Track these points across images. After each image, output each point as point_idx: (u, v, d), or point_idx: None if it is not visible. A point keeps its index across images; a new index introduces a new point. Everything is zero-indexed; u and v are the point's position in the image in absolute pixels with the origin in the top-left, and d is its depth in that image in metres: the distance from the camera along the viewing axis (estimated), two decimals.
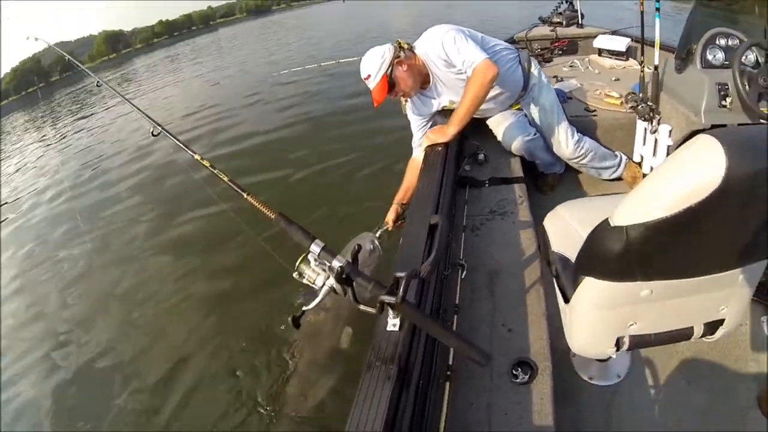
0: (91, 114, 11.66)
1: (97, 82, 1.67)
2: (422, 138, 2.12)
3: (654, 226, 0.69)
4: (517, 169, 2.05)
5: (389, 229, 2.21)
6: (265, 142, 5.20)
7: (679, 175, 0.65)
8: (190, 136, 6.21)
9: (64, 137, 9.87)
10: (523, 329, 1.27)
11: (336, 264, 0.85)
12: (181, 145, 1.11)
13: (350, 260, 0.87)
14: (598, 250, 0.85)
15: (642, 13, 2.09)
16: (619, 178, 2.32)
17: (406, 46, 1.93)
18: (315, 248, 0.85)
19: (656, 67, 2.05)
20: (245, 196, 0.92)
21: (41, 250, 4.25)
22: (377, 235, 2.17)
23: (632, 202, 0.74)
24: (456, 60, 1.83)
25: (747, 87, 1.70)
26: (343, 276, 0.85)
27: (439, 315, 1.28)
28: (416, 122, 2.15)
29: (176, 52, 27.22)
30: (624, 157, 2.31)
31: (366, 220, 2.49)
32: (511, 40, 3.93)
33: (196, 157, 1.07)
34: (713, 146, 0.60)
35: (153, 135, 1.25)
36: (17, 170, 8.28)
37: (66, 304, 3.18)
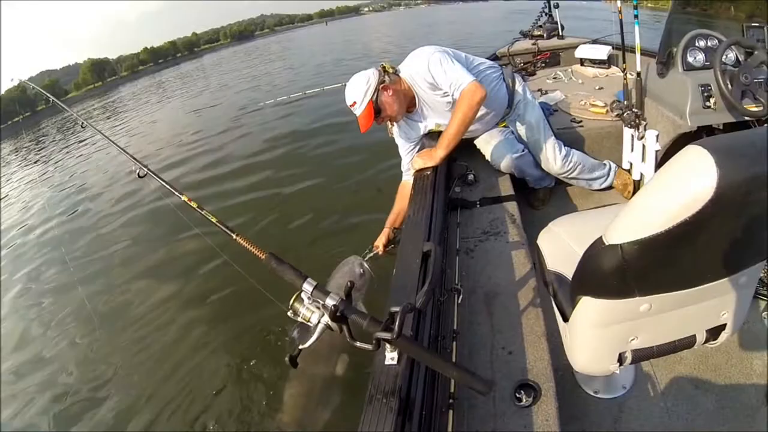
0: (79, 142, 11.49)
1: (82, 123, 1.65)
2: (411, 162, 2.11)
3: (649, 242, 0.68)
4: (507, 188, 2.04)
5: (380, 253, 2.19)
6: (250, 165, 5.14)
7: (671, 189, 0.64)
8: (174, 161, 6.16)
9: (50, 168, 9.74)
10: (524, 350, 1.24)
11: (330, 302, 0.82)
12: (167, 186, 1.09)
13: (344, 297, 0.84)
14: (593, 270, 0.83)
15: (621, 21, 2.11)
16: (610, 187, 2.33)
17: (390, 70, 1.92)
18: (307, 287, 0.83)
19: (638, 74, 2.07)
20: (234, 236, 0.89)
21: (27, 278, 4.15)
22: (366, 258, 2.14)
23: (625, 219, 0.73)
24: (443, 83, 1.82)
25: (729, 86, 1.71)
26: (338, 314, 0.83)
27: (437, 343, 1.25)
28: (404, 146, 2.14)
29: (161, 79, 27.39)
30: (613, 166, 2.32)
31: (353, 239, 2.49)
32: (494, 57, 3.99)
33: (183, 198, 1.04)
34: (703, 156, 0.59)
35: (139, 176, 1.23)
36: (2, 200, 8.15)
37: (45, 334, 3.09)
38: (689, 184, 0.61)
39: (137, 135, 9.94)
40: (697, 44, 1.90)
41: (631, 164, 2.24)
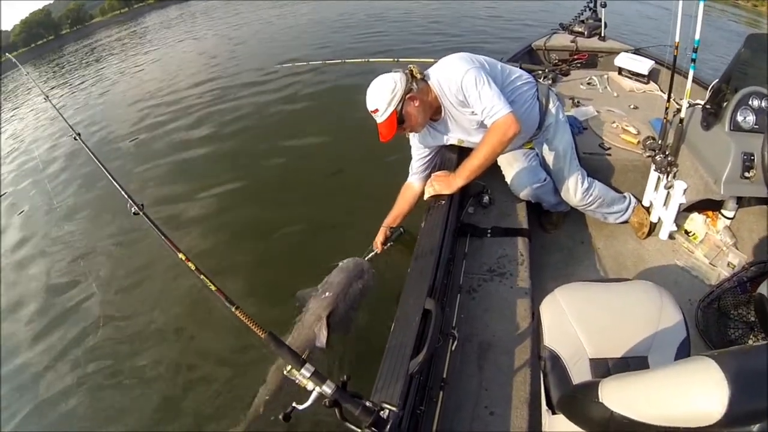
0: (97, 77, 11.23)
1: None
2: (420, 166, 2.06)
3: (640, 426, 0.68)
4: (522, 219, 1.99)
5: (378, 252, 2.20)
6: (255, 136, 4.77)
7: (675, 398, 0.64)
8: (180, 112, 5.90)
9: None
10: (506, 414, 1.27)
11: (326, 389, 0.85)
12: (164, 239, 1.07)
13: (339, 385, 0.86)
14: (581, 410, 0.84)
15: (675, 57, 1.95)
16: (625, 221, 2.28)
17: (418, 76, 1.79)
18: (305, 372, 0.85)
19: (681, 120, 1.94)
20: (233, 309, 0.89)
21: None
22: (366, 258, 2.17)
23: (626, 391, 0.73)
24: (476, 106, 1.71)
25: None
26: (333, 400, 0.85)
27: (425, 392, 1.26)
28: (419, 150, 2.05)
29: (190, 11, 26.22)
30: (633, 201, 2.24)
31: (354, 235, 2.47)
32: (529, 48, 3.81)
33: (180, 256, 1.02)
34: (716, 377, 0.58)
35: (133, 214, 1.23)
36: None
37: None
38: (695, 402, 0.60)
39: (155, 69, 9.67)
40: (750, 103, 1.76)
41: (651, 203, 2.17)
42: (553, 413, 1.07)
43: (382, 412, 0.87)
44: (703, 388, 0.59)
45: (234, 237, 3.14)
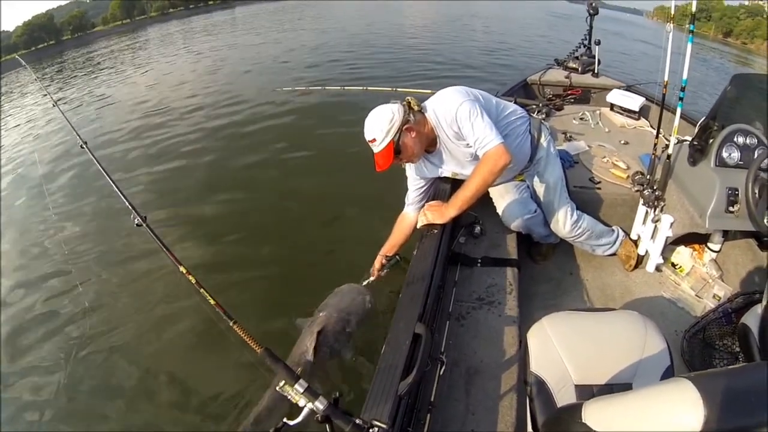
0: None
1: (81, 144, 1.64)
2: (416, 197, 2.09)
3: None
4: (511, 250, 2.02)
5: (374, 278, 2.22)
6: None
7: (653, 417, 0.66)
8: (171, 132, 5.88)
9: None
10: None
11: (318, 405, 0.86)
12: (166, 251, 1.09)
13: (331, 402, 0.88)
14: (565, 431, 0.86)
15: (664, 95, 2.04)
16: (613, 254, 2.33)
17: (416, 107, 1.83)
18: (299, 388, 0.86)
19: (669, 156, 2.01)
20: (231, 324, 0.91)
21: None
22: (363, 284, 2.19)
23: (609, 411, 0.75)
24: (469, 137, 1.75)
25: (757, 197, 1.66)
26: (324, 416, 0.87)
27: (413, 414, 1.27)
28: (414, 181, 2.09)
29: (191, 26, 26.54)
30: (621, 234, 2.30)
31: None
32: (524, 83, 3.92)
33: (181, 269, 1.04)
34: (692, 396, 0.60)
35: (136, 225, 1.25)
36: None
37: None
38: (673, 421, 0.62)
39: (152, 83, 9.71)
40: (735, 140, 1.83)
41: (639, 236, 2.22)
42: None
43: (372, 429, 0.89)
44: (681, 408, 0.61)
45: (232, 259, 3.12)
